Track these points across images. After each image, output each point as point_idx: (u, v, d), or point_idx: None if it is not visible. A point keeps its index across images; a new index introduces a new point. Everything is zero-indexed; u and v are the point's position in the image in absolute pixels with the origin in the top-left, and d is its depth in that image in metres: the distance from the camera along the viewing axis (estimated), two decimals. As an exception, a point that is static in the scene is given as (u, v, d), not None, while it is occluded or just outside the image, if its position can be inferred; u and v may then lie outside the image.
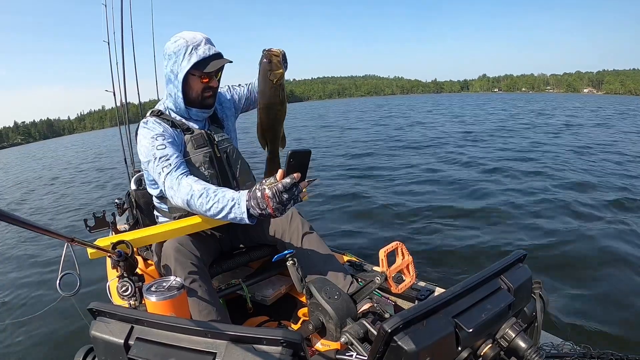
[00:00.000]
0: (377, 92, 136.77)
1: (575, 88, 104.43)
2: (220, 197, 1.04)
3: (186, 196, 1.10)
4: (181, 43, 1.23)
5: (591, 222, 3.18)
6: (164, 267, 1.21)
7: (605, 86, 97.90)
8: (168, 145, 1.22)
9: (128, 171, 2.67)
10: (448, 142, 8.34)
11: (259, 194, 0.95)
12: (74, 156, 16.60)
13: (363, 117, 19.58)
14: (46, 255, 3.62)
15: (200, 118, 1.37)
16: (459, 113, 18.97)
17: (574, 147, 7.11)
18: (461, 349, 0.70)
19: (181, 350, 0.65)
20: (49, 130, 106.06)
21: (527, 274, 0.88)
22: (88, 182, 8.14)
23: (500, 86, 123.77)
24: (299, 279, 1.23)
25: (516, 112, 18.20)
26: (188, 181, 1.12)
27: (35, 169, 13.75)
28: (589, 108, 20.62)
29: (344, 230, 3.32)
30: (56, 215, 5.55)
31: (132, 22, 2.85)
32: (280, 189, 0.92)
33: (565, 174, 4.89)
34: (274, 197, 0.93)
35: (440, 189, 4.51)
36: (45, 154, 22.48)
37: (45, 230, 0.65)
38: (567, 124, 11.74)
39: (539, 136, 8.92)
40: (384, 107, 28.38)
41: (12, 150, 46.62)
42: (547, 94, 75.26)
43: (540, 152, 6.59)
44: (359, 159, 6.85)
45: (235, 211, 1.01)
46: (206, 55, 1.23)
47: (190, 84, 1.28)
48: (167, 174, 1.17)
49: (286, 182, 0.92)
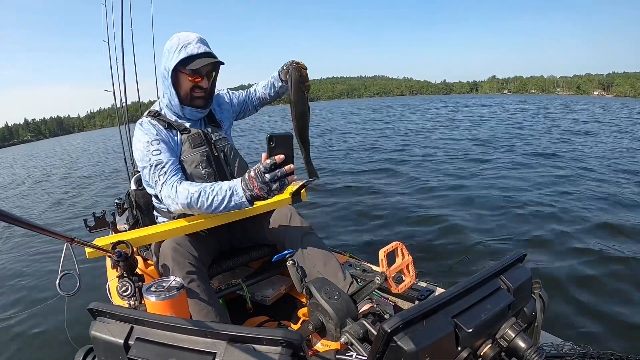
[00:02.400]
0: (386, 93, 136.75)
1: (585, 90, 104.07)
2: (217, 190, 1.11)
3: (186, 200, 1.15)
4: (174, 41, 1.26)
5: (591, 221, 3.18)
6: (163, 267, 1.21)
7: (615, 88, 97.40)
8: (163, 151, 1.24)
9: (128, 171, 2.68)
10: (458, 145, 8.34)
11: (246, 176, 1.06)
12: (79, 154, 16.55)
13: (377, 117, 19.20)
14: (46, 255, 3.62)
15: (194, 118, 1.37)
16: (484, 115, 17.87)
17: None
18: (461, 349, 0.70)
19: (181, 350, 0.65)
20: (59, 127, 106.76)
21: (526, 274, 0.88)
22: (90, 182, 8.14)
23: (509, 88, 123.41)
24: (299, 279, 1.23)
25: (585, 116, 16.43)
26: (184, 186, 1.17)
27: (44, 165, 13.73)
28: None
29: (344, 230, 3.32)
30: (54, 215, 5.55)
31: (132, 22, 2.85)
32: (261, 169, 1.02)
33: (582, 177, 4.89)
34: (256, 177, 1.03)
35: (441, 189, 4.51)
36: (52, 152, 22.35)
37: (45, 230, 0.65)
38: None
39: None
40: (414, 109, 27.49)
41: (21, 148, 46.31)
42: (557, 96, 74.81)
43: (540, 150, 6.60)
44: (359, 159, 6.85)
45: (234, 198, 1.10)
46: (193, 53, 1.24)
47: (180, 81, 1.30)
48: (163, 183, 1.20)
49: (266, 163, 1.01)
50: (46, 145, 36.40)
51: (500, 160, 6.10)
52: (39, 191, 7.96)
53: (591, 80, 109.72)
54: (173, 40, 1.27)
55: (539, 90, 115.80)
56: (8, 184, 10.12)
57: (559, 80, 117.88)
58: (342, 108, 31.09)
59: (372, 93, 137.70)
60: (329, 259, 1.29)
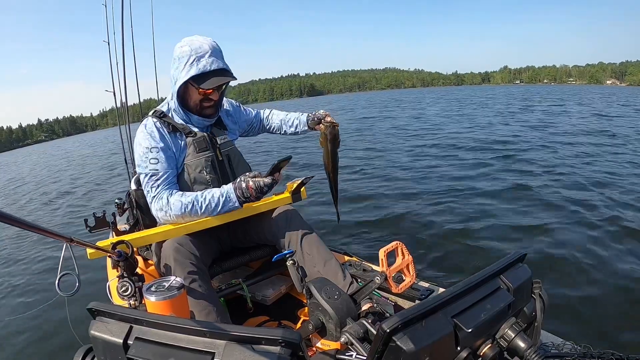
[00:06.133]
0: (398, 85, 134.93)
1: (598, 79, 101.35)
2: (209, 198, 1.20)
3: (180, 211, 1.20)
4: (186, 50, 1.21)
5: (591, 220, 3.17)
6: (164, 267, 1.21)
7: (628, 77, 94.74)
8: (161, 161, 1.24)
9: (128, 171, 2.68)
10: (457, 141, 8.30)
11: (243, 185, 1.18)
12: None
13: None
14: (46, 255, 3.63)
15: (201, 125, 1.37)
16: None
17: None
18: (460, 349, 0.70)
19: (180, 350, 0.65)
20: (72, 127, 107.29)
21: (526, 273, 0.88)
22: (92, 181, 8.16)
23: (521, 78, 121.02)
24: (299, 279, 1.23)
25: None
26: (176, 198, 1.21)
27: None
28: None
29: (344, 230, 3.31)
30: (54, 216, 5.56)
31: (132, 22, 2.85)
32: (262, 184, 1.17)
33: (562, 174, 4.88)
34: (256, 189, 1.17)
35: (440, 188, 4.51)
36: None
37: (44, 231, 0.65)
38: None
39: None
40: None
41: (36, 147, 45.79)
42: (570, 86, 73.75)
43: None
44: (358, 159, 6.85)
45: (228, 205, 1.21)
46: (206, 70, 1.20)
47: (189, 92, 1.28)
48: (154, 197, 1.23)
49: (268, 182, 1.18)
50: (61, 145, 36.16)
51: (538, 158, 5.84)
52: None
53: (604, 69, 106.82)
54: (184, 49, 1.21)
55: (551, 80, 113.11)
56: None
57: (572, 70, 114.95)
58: (358, 101, 29.81)
59: (383, 85, 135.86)
60: (329, 258, 1.29)
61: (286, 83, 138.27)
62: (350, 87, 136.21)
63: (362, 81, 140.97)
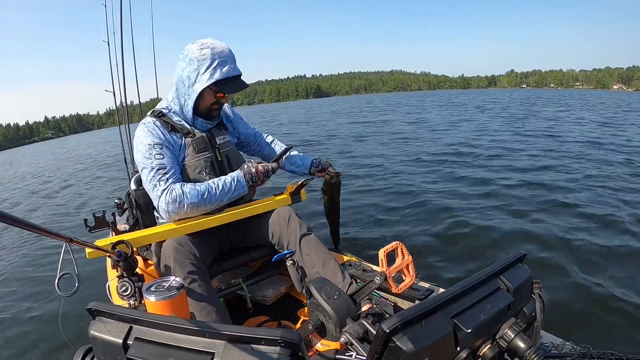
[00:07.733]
0: (404, 88, 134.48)
1: (605, 84, 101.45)
2: (221, 184, 1.26)
3: (197, 199, 1.21)
4: (207, 53, 1.21)
5: (591, 220, 3.17)
6: (164, 267, 1.21)
7: (635, 82, 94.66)
8: (166, 156, 1.24)
9: (128, 171, 2.68)
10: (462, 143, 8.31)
11: (253, 170, 1.30)
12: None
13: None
14: (46, 255, 3.62)
15: (204, 128, 1.37)
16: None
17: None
18: (460, 350, 0.70)
19: (179, 350, 0.65)
20: (78, 124, 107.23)
21: (526, 274, 0.88)
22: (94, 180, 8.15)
23: (528, 82, 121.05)
24: (298, 279, 1.23)
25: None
26: (190, 187, 1.22)
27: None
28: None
29: (344, 230, 3.31)
30: (55, 216, 5.56)
31: (132, 23, 2.86)
32: (268, 169, 1.32)
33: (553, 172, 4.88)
34: (264, 173, 1.31)
35: (441, 189, 4.51)
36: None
37: (44, 231, 0.65)
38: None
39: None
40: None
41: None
42: (577, 91, 73.42)
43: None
44: (358, 159, 6.85)
45: (238, 188, 1.28)
46: (230, 75, 1.25)
47: (205, 96, 1.29)
48: (165, 189, 1.19)
49: (275, 167, 1.35)
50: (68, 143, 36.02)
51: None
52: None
53: (611, 74, 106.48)
54: (205, 52, 1.21)
55: (558, 84, 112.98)
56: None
57: (579, 74, 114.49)
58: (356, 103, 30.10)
59: (389, 88, 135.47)
60: (328, 259, 1.29)
61: (292, 84, 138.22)
62: (356, 89, 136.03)
63: (369, 83, 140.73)
